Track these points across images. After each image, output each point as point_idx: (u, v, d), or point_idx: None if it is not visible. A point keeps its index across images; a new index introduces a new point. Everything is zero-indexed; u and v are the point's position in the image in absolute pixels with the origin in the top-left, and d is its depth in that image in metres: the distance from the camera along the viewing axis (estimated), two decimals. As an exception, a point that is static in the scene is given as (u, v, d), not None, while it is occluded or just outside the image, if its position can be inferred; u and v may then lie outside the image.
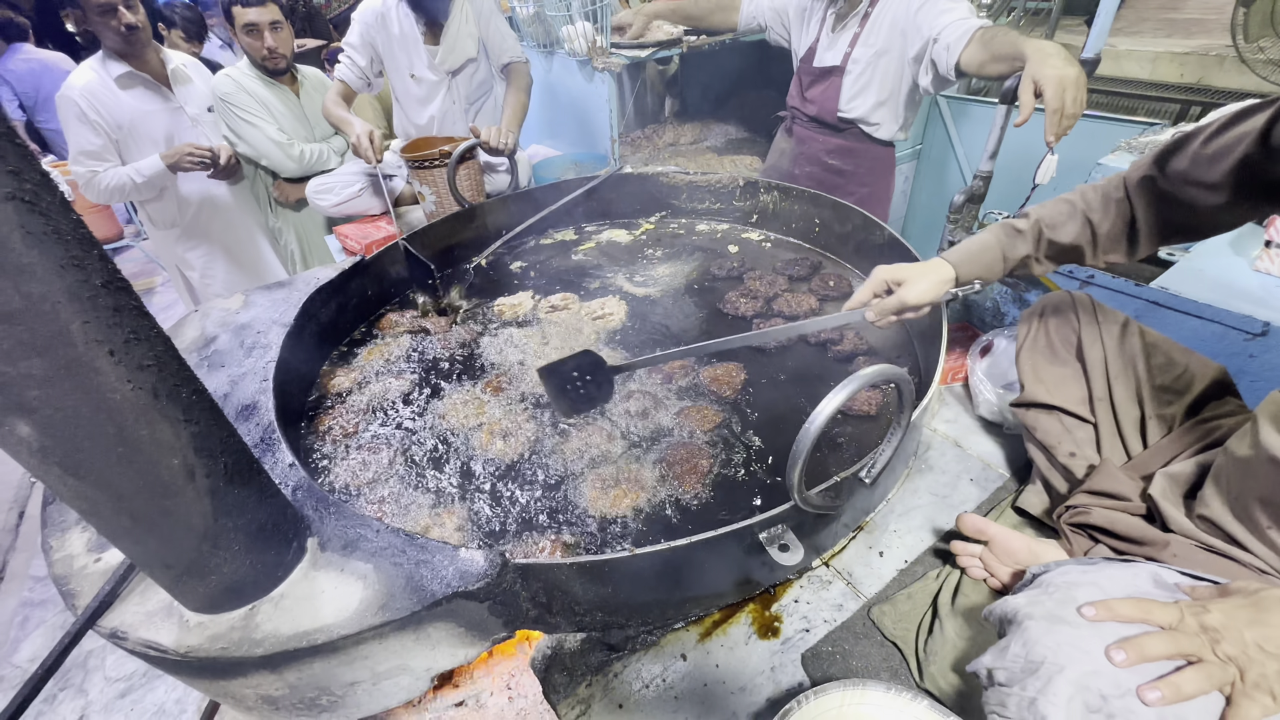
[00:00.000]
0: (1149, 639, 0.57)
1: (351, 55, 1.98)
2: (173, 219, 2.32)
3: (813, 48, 1.85)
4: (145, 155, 2.09)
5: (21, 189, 0.45)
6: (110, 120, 2.04)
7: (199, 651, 0.70)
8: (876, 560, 0.97)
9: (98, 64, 2.03)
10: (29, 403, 0.50)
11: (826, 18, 1.79)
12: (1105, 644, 0.58)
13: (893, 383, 0.73)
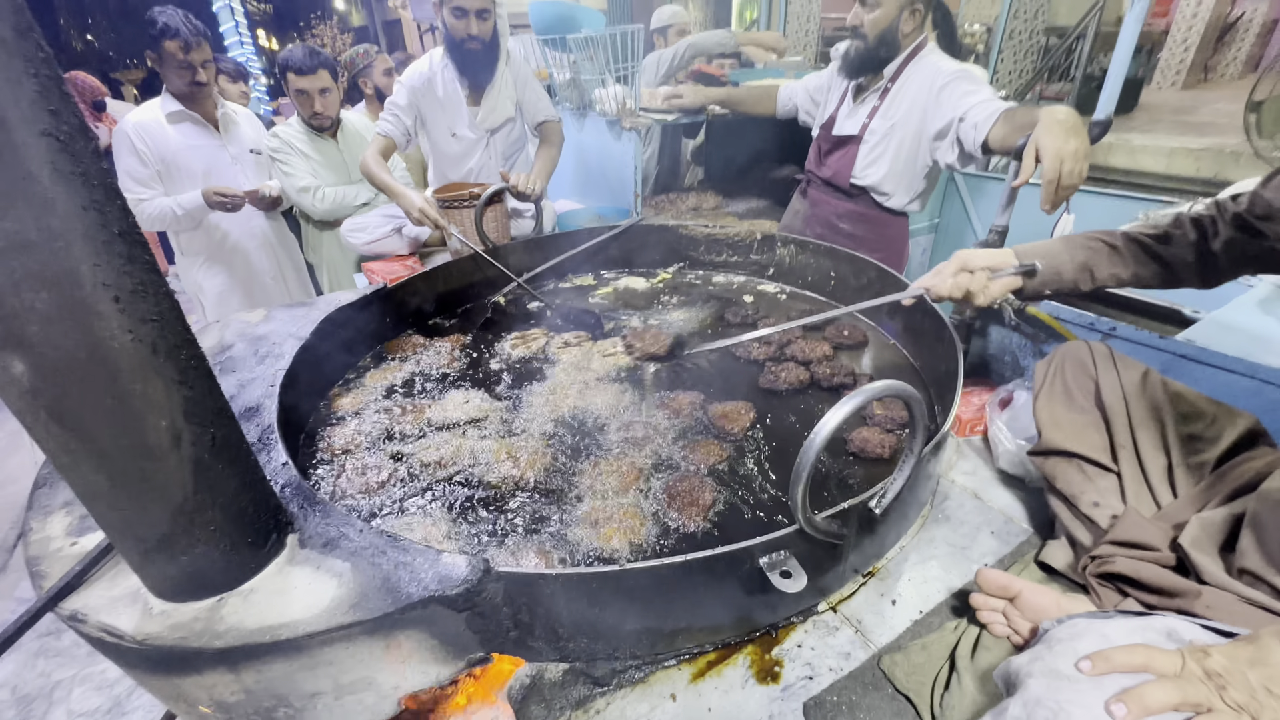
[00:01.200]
0: (1150, 689, 0.51)
1: (398, 114, 2.12)
2: (202, 247, 2.46)
3: (833, 117, 1.95)
4: (185, 187, 2.27)
5: (58, 128, 0.48)
6: (155, 152, 2.23)
7: (156, 640, 0.66)
8: (889, 609, 0.90)
9: (156, 102, 2.25)
10: (29, 338, 0.50)
11: (848, 90, 1.89)
12: (1105, 698, 0.52)
13: (902, 399, 0.70)
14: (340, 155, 2.39)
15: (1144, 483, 0.88)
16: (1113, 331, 1.12)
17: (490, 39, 2.00)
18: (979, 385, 1.39)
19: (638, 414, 1.23)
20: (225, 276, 2.51)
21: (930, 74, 1.63)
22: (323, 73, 2.19)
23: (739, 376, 1.37)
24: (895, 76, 1.72)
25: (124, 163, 2.22)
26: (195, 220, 2.32)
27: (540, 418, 1.23)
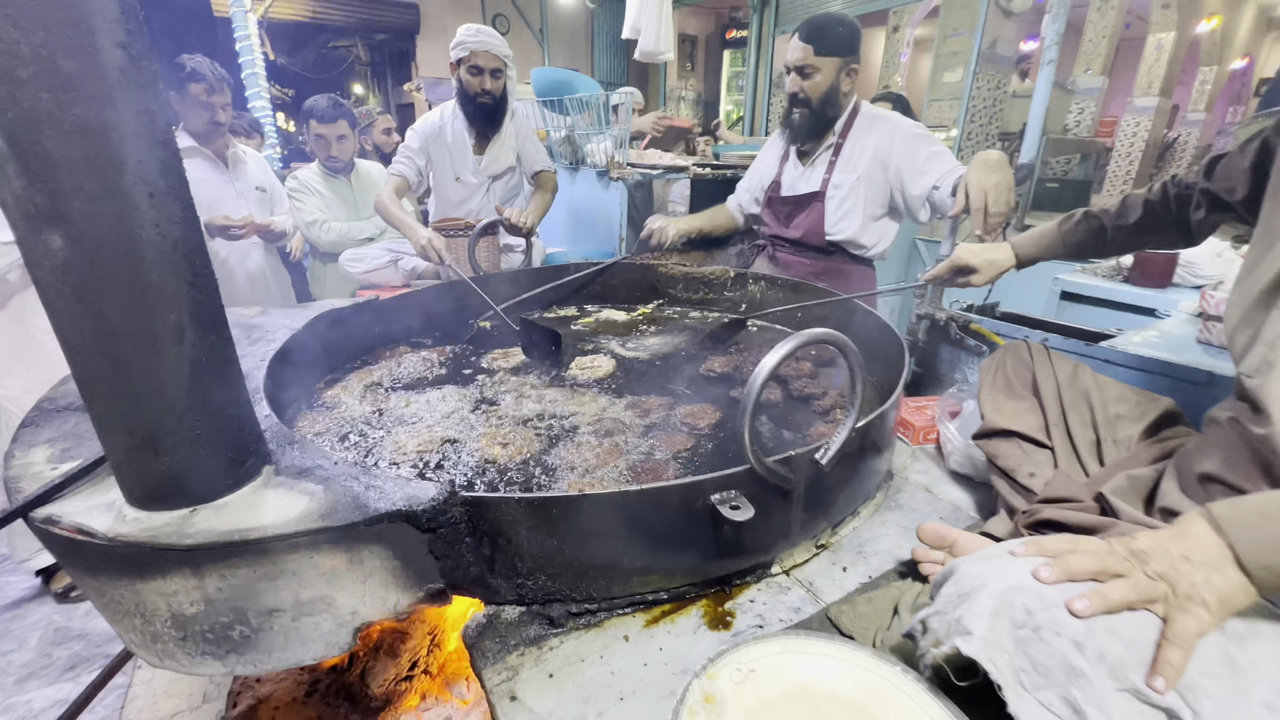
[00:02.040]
0: (1074, 557, 0.57)
1: (412, 156, 2.31)
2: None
3: (777, 181, 2.03)
4: None
5: (129, 44, 0.58)
6: None
7: (126, 537, 0.68)
8: (839, 574, 0.93)
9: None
10: (71, 214, 0.58)
11: (789, 154, 1.99)
12: (1031, 568, 0.57)
13: (836, 345, 0.79)
14: (353, 194, 2.58)
15: (1074, 455, 0.95)
16: (1045, 342, 1.23)
17: (501, 95, 2.23)
18: (933, 399, 1.47)
19: (611, 413, 1.29)
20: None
21: (886, 128, 1.77)
22: (342, 122, 2.41)
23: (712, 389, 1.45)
24: (845, 133, 1.85)
25: None
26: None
27: (517, 415, 1.28)
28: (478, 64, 2.19)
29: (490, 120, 2.32)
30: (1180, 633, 0.52)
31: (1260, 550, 0.52)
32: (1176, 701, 0.51)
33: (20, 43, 0.52)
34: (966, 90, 5.16)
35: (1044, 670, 0.53)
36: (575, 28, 9.33)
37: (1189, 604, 0.53)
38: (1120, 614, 0.54)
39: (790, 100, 1.81)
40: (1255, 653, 0.54)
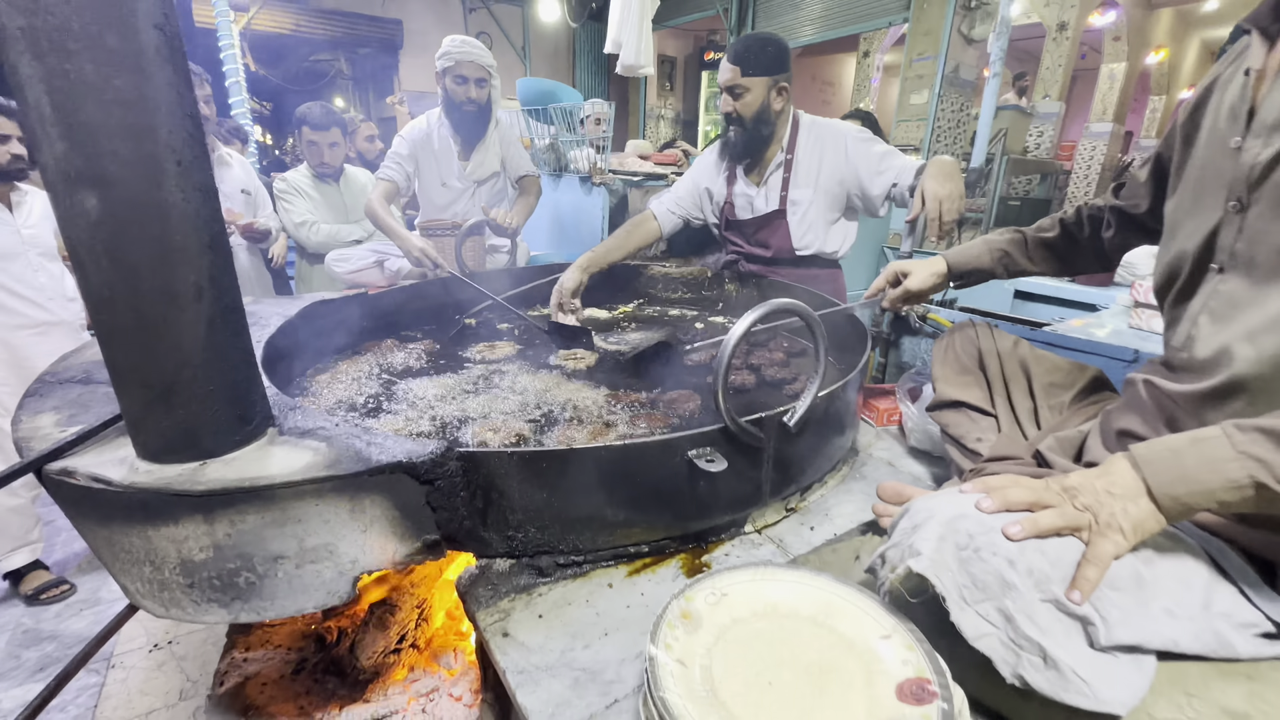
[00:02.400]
0: (1013, 489, 0.65)
1: (400, 162, 2.37)
2: None
3: (729, 202, 2.02)
4: None
5: (165, 25, 0.65)
6: None
7: (141, 485, 0.73)
8: (807, 532, 1.01)
9: None
10: (108, 177, 0.64)
11: (736, 175, 1.99)
12: (974, 501, 0.65)
13: (799, 315, 0.87)
14: (341, 198, 2.64)
15: (1014, 421, 1.04)
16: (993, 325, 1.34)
17: (485, 103, 2.31)
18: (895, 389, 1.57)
19: (596, 400, 1.35)
20: None
21: (833, 139, 1.83)
22: (335, 129, 2.50)
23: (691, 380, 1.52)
24: (791, 149, 1.87)
25: None
26: None
27: (505, 400, 1.34)
28: (462, 74, 2.27)
29: (475, 128, 2.39)
30: (1098, 554, 0.60)
31: (1168, 482, 0.61)
32: (1090, 610, 0.58)
33: (72, 18, 0.58)
34: (932, 112, 5.42)
35: (982, 585, 0.60)
36: (557, 45, 9.51)
37: (1108, 530, 0.61)
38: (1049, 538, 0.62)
39: (725, 119, 1.84)
40: (1159, 570, 0.62)
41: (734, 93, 1.77)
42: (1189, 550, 0.65)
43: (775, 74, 1.74)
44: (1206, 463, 0.59)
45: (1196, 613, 0.59)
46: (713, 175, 2.04)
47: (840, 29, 6.35)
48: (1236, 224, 0.70)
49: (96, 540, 0.79)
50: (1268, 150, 0.66)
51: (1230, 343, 0.69)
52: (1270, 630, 0.60)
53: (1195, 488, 0.59)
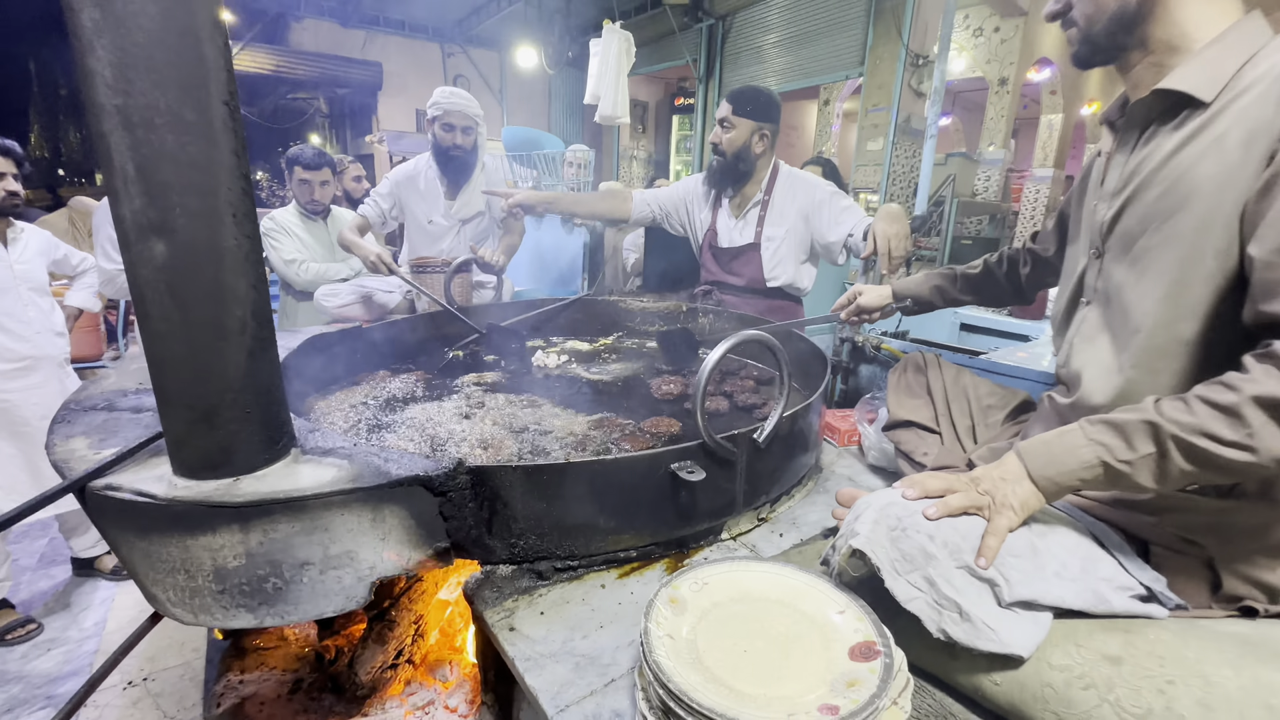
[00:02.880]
0: (930, 480, 0.79)
1: (378, 200, 2.52)
2: None
3: (714, 228, 2.25)
4: None
5: (230, 101, 0.77)
6: None
7: (184, 498, 0.81)
8: (777, 539, 1.12)
9: None
10: (175, 225, 0.74)
11: (722, 204, 2.23)
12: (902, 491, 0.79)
13: (766, 345, 1.01)
14: (328, 236, 2.73)
15: (956, 438, 1.19)
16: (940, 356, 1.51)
17: (471, 149, 2.46)
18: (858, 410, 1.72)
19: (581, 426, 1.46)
20: None
21: (806, 188, 2.08)
22: (325, 169, 2.61)
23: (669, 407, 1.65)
24: (769, 190, 2.12)
25: (105, 233, 2.40)
26: None
27: (496, 424, 1.44)
28: (450, 121, 2.43)
29: (461, 171, 2.55)
30: (996, 527, 0.74)
31: (1041, 466, 0.75)
32: (995, 574, 0.72)
33: (160, 98, 0.70)
34: (887, 158, 5.80)
35: (909, 558, 0.73)
36: (533, 90, 9.86)
37: (1003, 508, 0.75)
38: (959, 517, 0.76)
39: (712, 149, 2.11)
40: (1050, 541, 0.76)
41: (723, 125, 2.03)
42: (1075, 528, 0.79)
43: (759, 121, 1.99)
44: (1067, 449, 0.74)
45: (1079, 575, 0.73)
46: (699, 200, 2.27)
47: (801, 81, 6.79)
48: (1096, 267, 0.88)
49: (134, 553, 0.86)
50: (1110, 210, 0.84)
51: (1086, 363, 0.86)
52: (1142, 594, 0.74)
53: (1061, 469, 0.74)
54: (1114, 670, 0.65)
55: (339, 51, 8.27)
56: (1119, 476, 0.71)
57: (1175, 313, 0.78)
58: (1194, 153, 0.75)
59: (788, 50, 6.80)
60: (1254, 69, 0.72)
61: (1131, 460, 0.70)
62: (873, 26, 5.84)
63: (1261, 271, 0.68)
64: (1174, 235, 0.76)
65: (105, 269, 2.40)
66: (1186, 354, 0.78)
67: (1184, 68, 0.77)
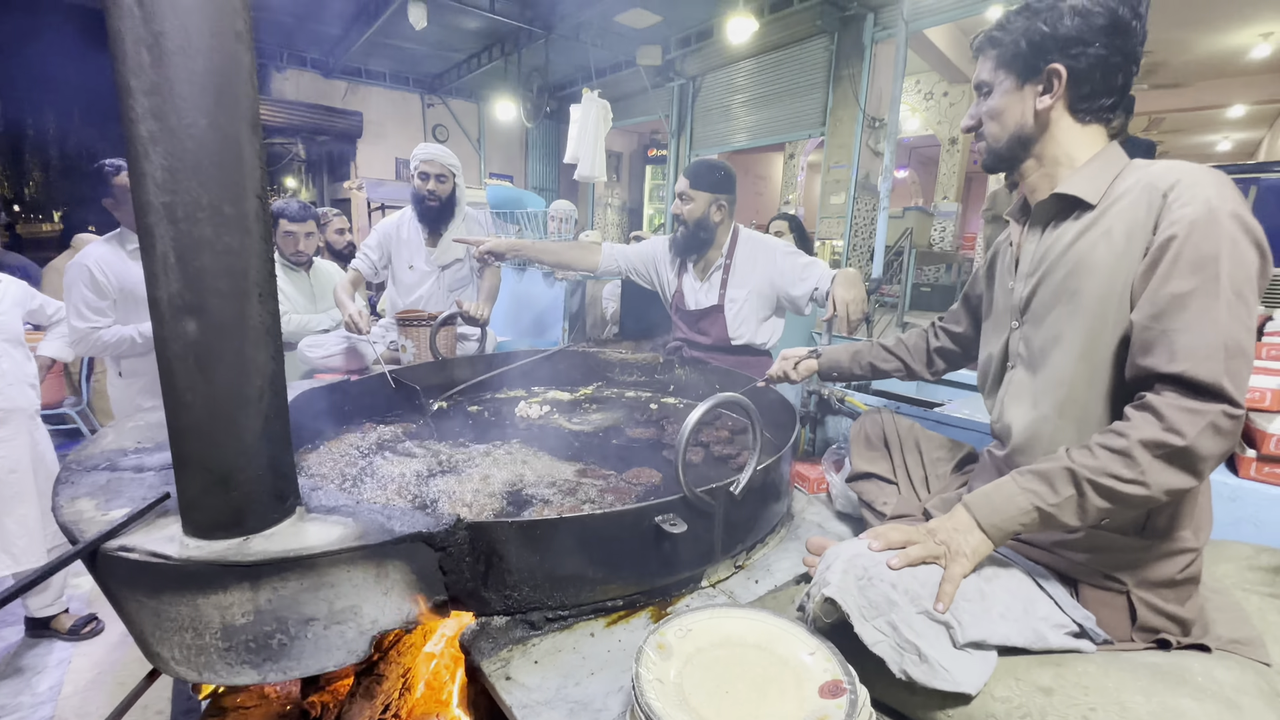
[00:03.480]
0: (892, 533, 0.89)
1: (368, 253, 2.63)
2: (146, 369, 2.58)
3: (680, 291, 2.36)
4: (142, 315, 2.43)
5: (262, 195, 0.86)
6: (116, 284, 2.34)
7: (197, 558, 0.86)
8: (753, 585, 1.20)
9: (115, 239, 2.40)
10: (207, 307, 0.82)
11: (687, 267, 2.37)
12: (868, 543, 0.89)
13: (741, 405, 1.12)
14: (310, 287, 2.78)
15: (911, 488, 1.30)
16: (897, 409, 1.64)
17: (448, 197, 2.66)
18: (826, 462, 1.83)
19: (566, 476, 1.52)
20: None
21: (765, 251, 2.23)
22: (310, 222, 2.70)
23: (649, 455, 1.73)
24: (730, 255, 2.26)
25: (78, 293, 2.29)
26: (150, 347, 2.46)
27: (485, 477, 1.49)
28: (426, 170, 2.64)
29: (438, 217, 2.71)
30: (952, 574, 0.84)
31: (986, 515, 0.86)
32: (950, 617, 0.81)
33: (202, 196, 0.79)
34: (849, 211, 6.15)
35: (875, 605, 0.82)
36: (510, 138, 10.17)
37: (958, 556, 0.85)
38: (919, 566, 0.86)
39: (674, 219, 2.27)
40: (996, 586, 0.86)
41: (683, 199, 2.18)
42: (1017, 571, 0.90)
43: (716, 193, 2.16)
44: (1005, 498, 0.85)
45: (1021, 616, 0.83)
46: (665, 262, 2.41)
47: (768, 138, 7.19)
48: (1019, 335, 1.02)
49: (142, 612, 0.89)
50: (1026, 288, 0.99)
51: (1016, 418, 0.99)
52: (1075, 630, 0.84)
53: (1004, 516, 0.85)
54: (1046, 700, 0.74)
55: (320, 101, 8.45)
56: (1050, 518, 0.83)
57: (1091, 370, 0.91)
58: (1089, 241, 0.90)
59: (754, 109, 7.23)
60: (1123, 181, 0.90)
61: (1058, 503, 0.82)
62: (832, 90, 6.28)
63: (1140, 334, 0.83)
64: (1081, 307, 0.91)
65: (77, 327, 2.31)
66: (1102, 404, 0.92)
67: (1073, 178, 0.93)
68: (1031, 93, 0.96)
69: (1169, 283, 0.80)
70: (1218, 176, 0.82)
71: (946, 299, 7.19)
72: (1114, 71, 0.91)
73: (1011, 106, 0.98)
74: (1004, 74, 0.98)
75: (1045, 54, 0.92)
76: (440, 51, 8.19)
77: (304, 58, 8.28)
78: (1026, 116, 0.97)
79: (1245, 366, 0.77)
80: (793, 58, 6.69)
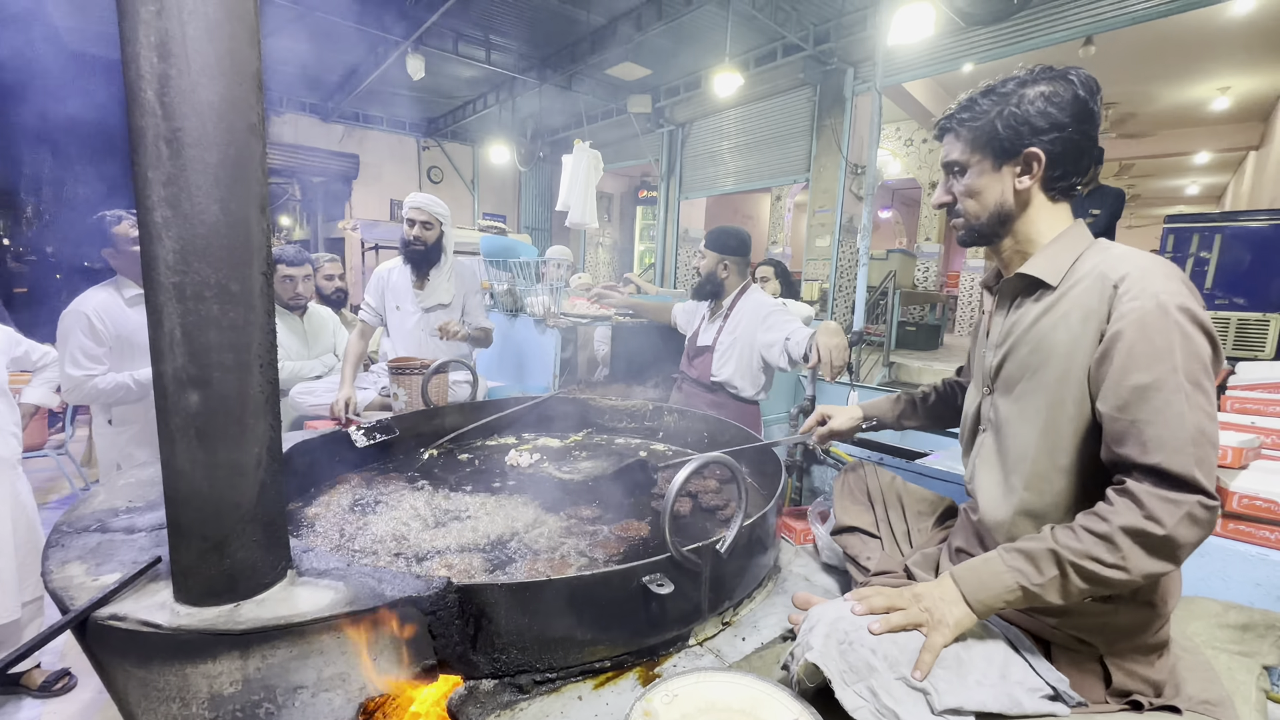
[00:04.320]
0: (875, 597, 0.92)
1: (369, 304, 2.77)
2: (138, 416, 2.57)
3: (697, 331, 2.76)
4: (139, 362, 2.45)
5: (268, 272, 0.90)
6: (114, 331, 2.37)
7: (188, 627, 0.87)
8: (740, 643, 1.21)
9: (111, 286, 2.44)
10: (210, 380, 0.85)
11: (706, 312, 2.75)
12: (850, 606, 0.92)
13: (727, 466, 1.15)
14: (304, 331, 2.83)
15: (894, 542, 1.33)
16: (881, 460, 1.68)
17: (434, 244, 2.81)
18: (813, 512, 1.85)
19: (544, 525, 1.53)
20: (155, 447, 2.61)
21: (756, 306, 2.52)
22: (306, 265, 2.80)
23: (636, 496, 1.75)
24: (732, 306, 2.60)
25: (75, 341, 2.31)
26: (144, 392, 2.45)
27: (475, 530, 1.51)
28: (413, 217, 2.81)
29: (423, 261, 2.86)
30: (932, 644, 0.87)
31: (973, 591, 0.89)
32: (928, 685, 0.83)
33: (210, 276, 0.83)
34: (835, 254, 6.31)
35: (856, 669, 0.84)
36: (504, 180, 10.39)
37: (940, 626, 0.88)
38: (899, 632, 0.88)
39: (695, 272, 2.68)
40: (973, 653, 0.89)
41: (700, 254, 2.60)
42: (993, 636, 0.92)
43: (723, 254, 2.55)
44: (991, 575, 0.88)
45: (997, 681, 0.85)
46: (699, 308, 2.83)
47: (754, 183, 7.42)
48: (990, 401, 1.07)
49: (130, 683, 0.89)
50: (995, 358, 1.04)
51: (982, 485, 1.03)
52: (1049, 693, 0.87)
53: (990, 593, 0.88)
54: (1022, 766, 0.76)
55: (317, 143, 8.63)
56: (1034, 597, 0.86)
57: (1052, 445, 0.96)
58: (1050, 322, 0.96)
59: (741, 155, 7.47)
60: (1083, 264, 0.95)
61: (1042, 583, 0.86)
62: (816, 138, 6.52)
63: (1110, 424, 0.87)
64: (1042, 384, 0.96)
65: (72, 375, 2.32)
66: (1065, 478, 0.95)
67: (1036, 258, 1.00)
68: (1010, 173, 1.01)
69: (1129, 375, 0.85)
70: (1167, 269, 0.88)
71: (930, 338, 7.32)
72: (1082, 154, 0.98)
73: (990, 186, 1.03)
74: (979, 155, 1.03)
75: (1022, 139, 0.98)
76: (436, 98, 8.45)
77: (302, 102, 8.50)
78: (1006, 196, 1.02)
79: (1213, 453, 0.82)
80: (777, 107, 6.96)
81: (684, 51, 6.66)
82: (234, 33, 0.81)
